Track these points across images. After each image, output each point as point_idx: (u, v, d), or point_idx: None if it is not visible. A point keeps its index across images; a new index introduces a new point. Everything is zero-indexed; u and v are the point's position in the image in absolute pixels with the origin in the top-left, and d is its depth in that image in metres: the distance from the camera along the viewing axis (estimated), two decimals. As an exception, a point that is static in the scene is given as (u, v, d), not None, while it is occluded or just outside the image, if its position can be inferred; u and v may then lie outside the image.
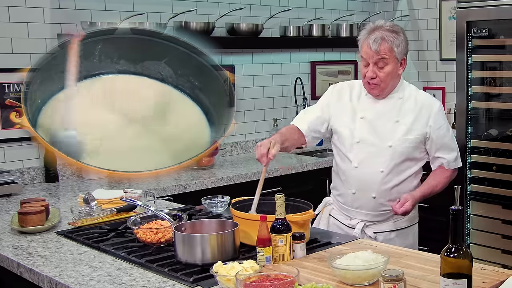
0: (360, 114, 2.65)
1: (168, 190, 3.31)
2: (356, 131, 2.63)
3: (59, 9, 3.54)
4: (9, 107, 3.40)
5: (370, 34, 2.54)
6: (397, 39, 2.54)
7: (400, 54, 2.56)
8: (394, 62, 2.56)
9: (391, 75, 2.57)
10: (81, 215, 2.55)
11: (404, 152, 2.59)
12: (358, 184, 2.63)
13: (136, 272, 1.97)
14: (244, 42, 4.22)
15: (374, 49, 2.51)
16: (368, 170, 2.60)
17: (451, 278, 1.58)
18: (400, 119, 2.60)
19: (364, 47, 2.56)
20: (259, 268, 1.80)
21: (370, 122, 2.62)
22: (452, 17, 4.69)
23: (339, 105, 2.70)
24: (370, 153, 2.60)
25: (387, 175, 2.59)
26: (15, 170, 3.40)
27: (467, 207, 4.06)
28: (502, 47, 4.01)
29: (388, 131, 2.60)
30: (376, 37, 2.52)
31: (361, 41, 2.58)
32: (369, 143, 2.61)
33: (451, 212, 1.60)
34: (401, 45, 2.56)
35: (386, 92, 2.62)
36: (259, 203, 2.33)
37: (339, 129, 2.68)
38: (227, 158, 4.25)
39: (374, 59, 2.53)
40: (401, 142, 2.58)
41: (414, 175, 2.66)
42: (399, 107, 2.62)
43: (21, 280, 2.12)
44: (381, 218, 2.65)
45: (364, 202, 2.62)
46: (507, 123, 4.05)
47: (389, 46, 2.52)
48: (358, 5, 5.13)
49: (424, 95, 2.70)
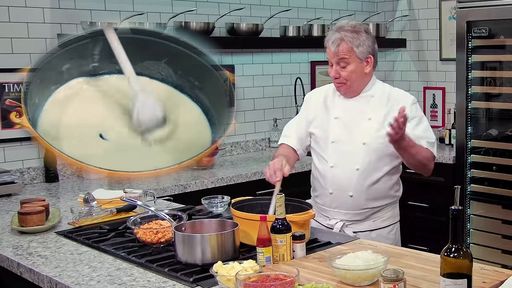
0: (334, 114, 2.68)
1: (168, 190, 3.31)
2: (330, 132, 2.67)
3: (59, 9, 3.54)
4: (9, 107, 3.40)
5: (331, 35, 2.60)
6: (358, 38, 2.57)
7: (362, 53, 2.59)
8: (357, 61, 2.59)
9: (356, 74, 2.60)
10: (81, 215, 2.55)
11: (378, 148, 2.59)
12: (335, 184, 2.65)
13: (136, 272, 1.97)
14: (244, 42, 4.22)
15: (333, 50, 2.58)
16: (344, 169, 2.62)
17: (451, 278, 1.58)
18: (372, 116, 2.63)
19: (327, 49, 2.63)
20: (259, 268, 1.80)
21: (344, 122, 2.65)
22: (452, 17, 4.69)
23: (314, 110, 2.74)
24: (345, 152, 2.63)
25: (363, 172, 2.61)
26: (15, 170, 3.40)
27: (467, 207, 4.06)
28: (502, 47, 4.01)
29: (361, 129, 2.62)
30: (335, 38, 2.57)
31: (325, 43, 2.64)
32: (344, 142, 2.64)
33: (451, 212, 1.60)
34: (364, 44, 2.59)
35: (355, 90, 2.65)
36: (259, 203, 2.34)
37: (315, 131, 2.72)
38: (227, 158, 4.25)
39: (335, 60, 2.59)
40: (374, 138, 2.60)
41: (392, 172, 2.67)
42: (371, 104, 2.65)
43: (21, 280, 2.12)
44: (360, 217, 2.66)
45: (341, 201, 2.63)
46: (507, 123, 4.05)
47: (348, 47, 2.56)
48: (358, 5, 5.13)
49: (398, 91, 2.73)
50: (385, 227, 2.71)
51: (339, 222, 2.64)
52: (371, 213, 2.66)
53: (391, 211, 2.74)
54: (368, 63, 2.63)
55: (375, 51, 2.66)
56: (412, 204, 4.35)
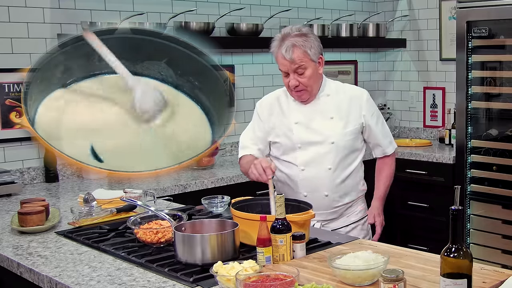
0: (294, 119, 2.69)
1: (168, 190, 3.31)
2: (294, 137, 2.67)
3: (59, 9, 3.54)
4: (9, 107, 3.40)
5: (280, 44, 2.57)
6: (308, 41, 2.57)
7: (315, 55, 2.59)
8: (312, 64, 2.59)
9: (313, 78, 2.62)
10: (81, 215, 2.55)
11: (346, 145, 2.66)
12: (309, 186, 2.67)
13: (136, 272, 1.97)
14: (244, 42, 4.22)
15: (289, 58, 2.55)
16: (316, 170, 2.65)
17: (451, 278, 1.58)
18: (334, 115, 2.66)
19: (279, 59, 2.60)
20: (259, 268, 1.80)
21: (306, 125, 2.67)
22: (452, 17, 4.69)
23: (272, 119, 2.74)
24: (315, 154, 2.65)
25: (335, 171, 2.65)
26: (15, 170, 3.40)
27: (467, 207, 4.06)
28: (502, 47, 4.01)
29: (326, 128, 2.65)
30: (287, 45, 2.55)
31: (275, 53, 2.62)
32: (311, 144, 2.65)
33: (451, 212, 1.60)
34: (314, 46, 2.58)
35: (313, 94, 2.67)
36: (259, 203, 2.34)
37: (278, 140, 2.72)
38: (227, 158, 4.25)
39: (292, 68, 2.57)
40: (341, 136, 2.64)
41: (359, 166, 2.76)
42: (329, 103, 2.68)
43: (21, 280, 2.12)
44: (335, 215, 2.72)
45: (317, 202, 2.62)
46: (507, 123, 4.05)
47: (303, 51, 2.55)
48: (358, 5, 5.13)
49: (351, 86, 2.79)
50: (358, 220, 2.79)
51: (316, 223, 2.67)
52: (345, 209, 2.74)
53: (361, 205, 2.82)
54: (320, 64, 2.64)
55: (322, 49, 2.66)
56: (412, 204, 4.35)
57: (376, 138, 2.76)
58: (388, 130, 2.83)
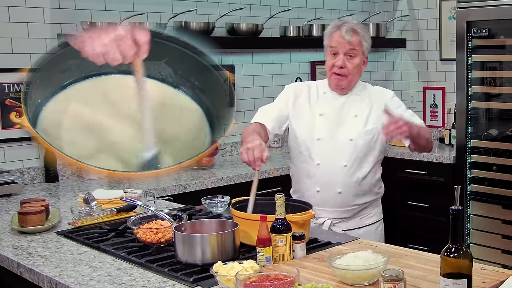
0: (319, 111, 2.68)
1: (168, 190, 3.31)
2: (315, 129, 2.66)
3: (59, 9, 3.54)
4: (9, 107, 3.40)
5: (340, 26, 2.60)
6: (367, 34, 2.63)
7: (366, 50, 2.63)
8: (361, 56, 2.63)
9: (357, 69, 2.64)
10: (81, 215, 2.55)
11: (365, 144, 2.63)
12: (323, 181, 2.65)
13: (136, 272, 1.97)
14: (244, 42, 4.22)
15: (347, 39, 2.57)
16: (331, 166, 2.63)
17: (451, 278, 1.58)
18: (358, 113, 2.66)
19: (334, 37, 2.60)
20: (259, 268, 1.80)
21: (329, 118, 2.66)
22: (452, 17, 4.69)
23: (297, 105, 2.71)
24: (332, 149, 2.63)
25: (350, 168, 2.63)
26: (15, 170, 3.40)
27: (467, 207, 4.06)
28: (502, 47, 4.01)
29: (348, 125, 2.64)
30: (348, 28, 2.58)
31: (330, 33, 2.62)
32: (330, 139, 2.64)
33: (451, 212, 1.60)
34: (368, 42, 2.64)
35: (350, 86, 2.67)
36: (259, 203, 2.34)
37: (298, 129, 2.69)
38: (227, 158, 4.25)
39: (346, 49, 2.59)
40: (361, 135, 2.63)
41: (376, 168, 2.72)
42: (356, 102, 2.67)
43: (21, 280, 2.12)
44: (348, 214, 2.68)
45: (329, 199, 2.63)
46: (507, 123, 4.05)
47: (360, 39, 2.59)
48: (358, 5, 5.13)
49: (377, 88, 2.78)
50: (372, 224, 2.74)
51: (326, 220, 2.65)
52: (358, 210, 2.69)
53: (376, 208, 2.78)
54: (364, 63, 2.67)
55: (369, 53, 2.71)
56: (412, 204, 4.35)
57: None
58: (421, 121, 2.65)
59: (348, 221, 2.69)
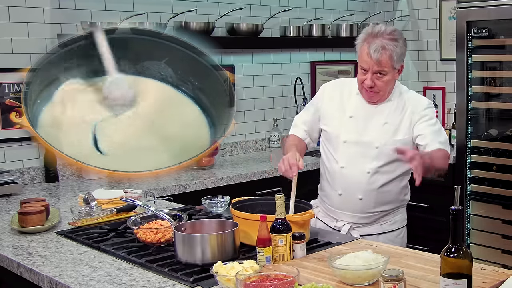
0: (349, 113, 2.62)
1: (168, 190, 3.31)
2: (343, 131, 2.60)
3: (59, 9, 3.54)
4: (9, 107, 3.40)
5: (370, 40, 2.47)
6: (397, 47, 2.48)
7: (397, 62, 2.50)
8: (392, 71, 2.51)
9: (389, 83, 2.54)
10: (81, 215, 2.55)
11: (390, 154, 2.52)
12: (344, 185, 2.60)
13: (136, 272, 1.97)
14: (244, 42, 4.22)
15: (375, 59, 2.45)
16: (354, 171, 2.57)
17: (451, 278, 1.59)
18: (388, 120, 2.57)
19: (363, 55, 2.49)
20: (259, 268, 1.80)
21: (359, 122, 2.59)
22: (452, 17, 4.69)
23: (329, 104, 2.67)
24: (357, 154, 2.57)
25: (373, 175, 2.56)
26: (15, 170, 3.40)
27: (467, 207, 4.06)
28: (502, 47, 4.01)
29: (375, 132, 2.56)
30: (377, 46, 2.45)
31: (360, 46, 2.52)
32: (356, 143, 2.58)
33: (451, 212, 1.60)
34: (400, 53, 2.50)
35: (382, 99, 2.59)
36: (259, 203, 2.34)
37: (327, 129, 2.66)
38: (227, 158, 4.25)
39: (374, 69, 2.48)
40: (388, 144, 2.53)
41: (401, 176, 2.63)
42: (388, 109, 2.59)
43: (21, 280, 2.12)
44: (368, 220, 2.62)
45: (350, 203, 2.59)
46: (507, 123, 4.05)
47: (390, 55, 2.46)
48: (358, 5, 5.13)
49: (414, 95, 2.65)
50: (393, 231, 2.67)
51: (346, 224, 2.62)
52: (379, 217, 2.63)
53: (399, 215, 2.70)
54: (399, 72, 2.56)
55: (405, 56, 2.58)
56: (412, 204, 4.30)
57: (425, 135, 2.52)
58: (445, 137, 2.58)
59: (368, 226, 2.62)
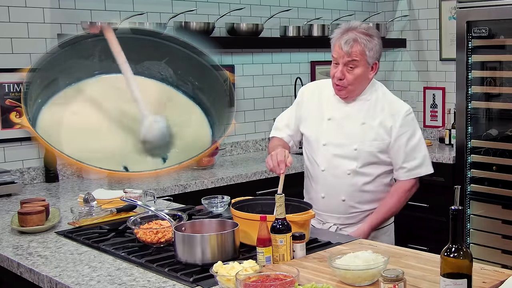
0: (328, 115, 2.63)
1: (168, 190, 3.31)
2: (322, 134, 2.62)
3: (59, 9, 3.54)
4: (9, 107, 3.40)
5: (343, 34, 2.52)
6: (371, 42, 2.51)
7: (372, 58, 2.52)
8: (365, 65, 2.53)
9: (360, 79, 2.54)
10: (81, 215, 2.55)
11: (368, 155, 2.55)
12: (326, 188, 2.62)
13: (136, 272, 1.97)
14: (244, 42, 4.21)
15: (346, 50, 2.49)
16: (335, 173, 2.59)
17: (451, 278, 1.58)
18: (366, 121, 2.58)
19: (335, 47, 2.54)
20: (259, 268, 1.80)
21: (338, 124, 2.60)
22: (452, 17, 4.69)
23: (308, 108, 2.69)
24: (336, 156, 2.59)
25: (354, 176, 2.57)
26: (15, 170, 3.40)
27: (467, 207, 4.06)
28: (502, 47, 4.01)
29: (354, 133, 2.57)
30: (349, 38, 2.49)
31: (334, 41, 2.56)
32: (335, 145, 2.59)
33: (451, 212, 1.60)
34: (374, 49, 2.52)
35: (354, 94, 2.59)
36: (259, 203, 2.34)
37: (307, 132, 2.68)
38: (227, 158, 4.25)
39: (345, 60, 2.51)
40: (365, 145, 2.55)
41: (384, 175, 2.63)
42: (366, 109, 2.59)
43: (21, 280, 2.12)
44: (354, 220, 2.63)
45: (334, 205, 2.60)
46: (507, 123, 4.05)
47: (361, 49, 2.49)
48: (358, 5, 5.13)
49: (394, 100, 2.65)
50: (379, 228, 2.67)
51: (332, 226, 2.64)
52: (364, 216, 2.63)
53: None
54: (373, 69, 2.58)
55: (380, 56, 2.61)
56: (412, 204, 4.34)
57: (400, 159, 2.57)
58: (422, 155, 2.61)
59: (354, 226, 2.63)
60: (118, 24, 3.32)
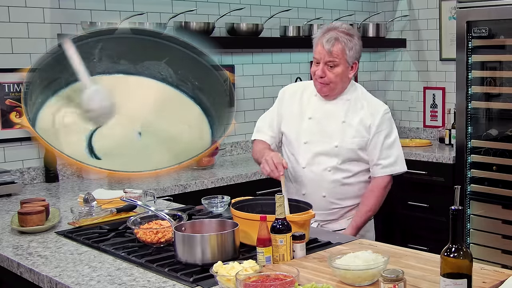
0: (309, 114, 2.71)
1: (168, 190, 3.31)
2: (303, 132, 2.69)
3: (59, 9, 3.54)
4: (9, 107, 3.40)
5: (325, 33, 2.60)
6: (351, 41, 2.60)
7: (351, 57, 2.61)
8: (345, 64, 2.61)
9: (340, 76, 2.62)
10: (81, 215, 2.55)
11: (349, 152, 2.65)
12: (308, 185, 2.68)
13: (136, 272, 1.97)
14: (244, 42, 4.22)
15: (327, 49, 2.57)
16: (315, 170, 2.67)
17: (451, 278, 1.59)
18: (346, 119, 2.66)
19: (317, 46, 2.62)
20: (259, 268, 1.80)
21: (318, 122, 2.68)
22: (452, 17, 4.69)
23: (289, 108, 2.76)
24: (317, 153, 2.67)
25: (334, 173, 2.65)
26: (15, 170, 3.40)
27: (467, 207, 4.06)
28: (502, 47, 4.01)
29: (334, 131, 2.66)
30: (331, 37, 2.58)
31: (316, 40, 2.64)
32: (316, 143, 2.67)
33: (451, 212, 1.60)
34: (354, 49, 2.61)
35: (335, 93, 2.68)
36: (259, 203, 2.34)
37: (287, 132, 2.75)
38: (227, 158, 4.25)
39: (325, 59, 2.59)
40: (346, 143, 2.64)
41: (364, 172, 2.71)
42: (346, 108, 2.68)
43: (21, 280, 2.12)
44: (335, 216, 2.71)
45: (315, 202, 2.60)
46: (507, 123, 4.05)
47: (342, 48, 2.58)
48: (358, 5, 5.13)
49: (372, 99, 2.74)
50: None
51: (314, 222, 2.67)
52: (345, 212, 2.72)
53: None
54: (353, 69, 2.66)
55: (360, 57, 2.69)
56: (412, 204, 4.35)
57: (375, 156, 2.66)
58: (397, 154, 2.70)
59: (336, 222, 2.72)
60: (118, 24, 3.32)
